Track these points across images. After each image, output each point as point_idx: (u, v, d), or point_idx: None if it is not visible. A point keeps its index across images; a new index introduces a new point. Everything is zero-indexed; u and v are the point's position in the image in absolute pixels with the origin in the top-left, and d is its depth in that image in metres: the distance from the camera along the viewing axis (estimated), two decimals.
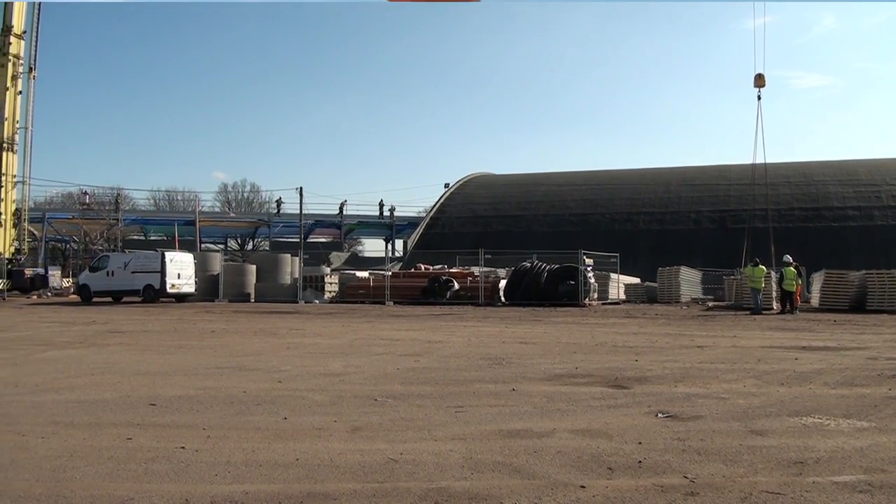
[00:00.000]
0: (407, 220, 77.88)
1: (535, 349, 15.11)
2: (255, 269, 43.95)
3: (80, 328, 22.08)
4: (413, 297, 37.44)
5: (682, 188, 62.37)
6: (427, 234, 64.04)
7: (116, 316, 28.13)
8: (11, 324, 24.21)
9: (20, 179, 50.18)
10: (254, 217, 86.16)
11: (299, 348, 15.71)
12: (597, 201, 62.91)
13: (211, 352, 15.17)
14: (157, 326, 22.63)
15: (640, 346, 15.44)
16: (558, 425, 7.60)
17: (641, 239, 55.86)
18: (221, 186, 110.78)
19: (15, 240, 49.85)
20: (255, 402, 9.09)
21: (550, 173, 74.37)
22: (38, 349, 16.00)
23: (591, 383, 10.35)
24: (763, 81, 35.85)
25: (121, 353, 15.02)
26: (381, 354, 14.29)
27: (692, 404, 8.70)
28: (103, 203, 72.62)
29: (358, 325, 23.06)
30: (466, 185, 72.35)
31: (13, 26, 48.27)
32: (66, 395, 9.84)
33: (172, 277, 39.01)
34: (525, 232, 58.75)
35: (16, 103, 48.82)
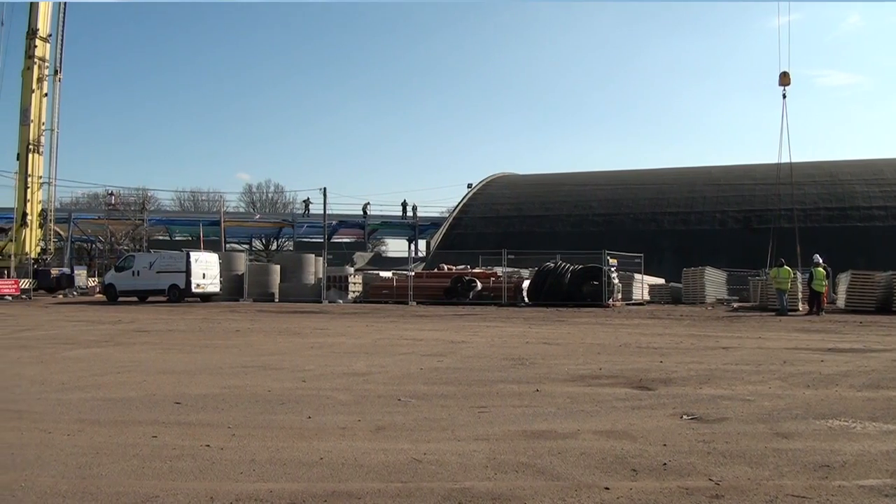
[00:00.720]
0: (430, 220, 77.85)
1: (559, 350, 15.07)
2: (279, 269, 44.11)
3: (106, 327, 22.27)
4: (436, 297, 37.44)
5: (706, 188, 61.92)
6: (450, 235, 63.97)
7: (142, 315, 28.33)
8: (38, 323, 24.46)
9: (46, 180, 50.67)
10: (278, 217, 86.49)
11: (323, 348, 15.77)
12: (621, 201, 62.56)
13: (236, 351, 15.26)
14: (182, 326, 22.78)
15: (665, 348, 15.36)
16: (582, 426, 7.58)
17: (666, 239, 55.49)
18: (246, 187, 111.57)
19: (41, 240, 50.34)
20: (279, 401, 9.13)
21: (574, 173, 74.10)
22: (64, 348, 16.16)
23: (615, 384, 10.32)
24: (788, 80, 35.57)
25: (146, 352, 15.14)
26: (405, 354, 14.31)
27: (717, 406, 8.65)
28: (129, 204, 73.19)
29: (381, 324, 23.10)
30: (489, 185, 72.19)
31: (38, 29, 48.78)
32: (92, 393, 9.93)
33: (197, 277, 39.25)
34: (548, 232, 58.55)
35: (42, 105, 49.31)
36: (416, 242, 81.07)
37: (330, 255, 48.68)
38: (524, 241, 49.67)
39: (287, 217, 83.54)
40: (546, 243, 47.44)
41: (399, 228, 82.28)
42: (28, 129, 48.40)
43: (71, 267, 54.76)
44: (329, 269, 43.11)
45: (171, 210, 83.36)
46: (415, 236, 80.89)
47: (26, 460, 6.43)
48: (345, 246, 77.98)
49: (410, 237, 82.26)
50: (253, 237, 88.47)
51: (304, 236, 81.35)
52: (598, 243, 39.12)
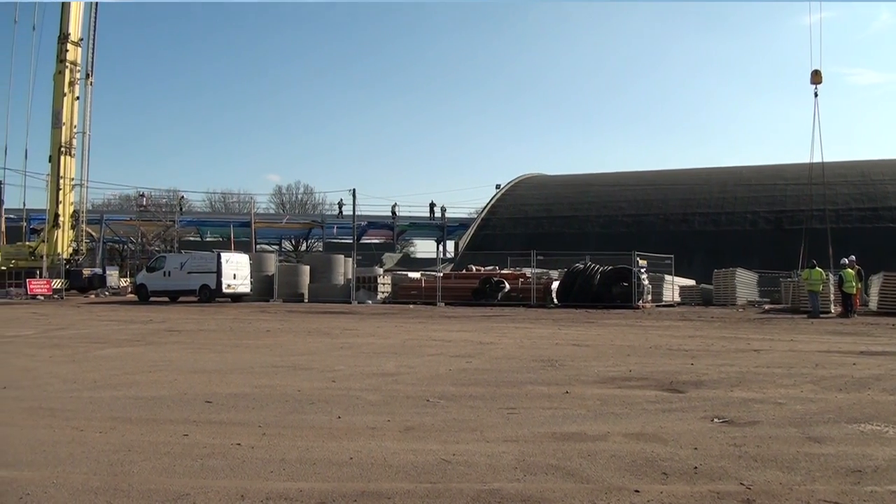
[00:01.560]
0: (458, 221, 77.88)
1: (589, 352, 15.01)
2: (308, 270, 44.29)
3: (138, 327, 22.47)
4: (464, 298, 37.42)
5: (737, 188, 61.38)
6: (478, 235, 63.93)
7: (173, 315, 28.56)
8: (70, 322, 24.73)
9: (78, 182, 51.33)
10: (307, 218, 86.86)
11: (353, 348, 15.82)
12: (651, 202, 62.19)
13: (266, 351, 15.34)
14: (212, 325, 22.95)
15: (696, 350, 15.25)
16: (612, 429, 7.54)
17: (696, 240, 55.05)
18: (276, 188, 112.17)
19: (73, 241, 50.95)
20: (309, 400, 9.17)
21: (603, 173, 73.74)
22: (96, 347, 16.33)
23: (645, 387, 10.26)
24: (820, 78, 35.18)
25: (177, 352, 15.27)
26: (433, 355, 14.32)
27: (749, 409, 8.58)
28: (160, 205, 73.83)
29: (410, 325, 23.13)
30: (518, 185, 72.02)
31: (70, 34, 49.38)
32: (123, 391, 10.03)
33: (228, 278, 39.54)
34: (577, 233, 58.31)
35: (73, 109, 49.92)
36: (445, 243, 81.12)
37: (359, 256, 48.81)
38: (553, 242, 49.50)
39: (316, 218, 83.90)
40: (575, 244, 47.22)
41: (427, 229, 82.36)
42: (60, 132, 49.02)
43: (103, 267, 55.34)
44: (358, 269, 43.24)
45: (201, 211, 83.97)
46: (443, 237, 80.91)
47: (59, 457, 6.51)
48: (374, 247, 78.12)
49: (439, 238, 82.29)
50: (283, 238, 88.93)
51: (333, 237, 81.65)
52: (628, 244, 38.91)
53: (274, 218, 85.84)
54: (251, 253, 49.26)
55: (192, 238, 79.76)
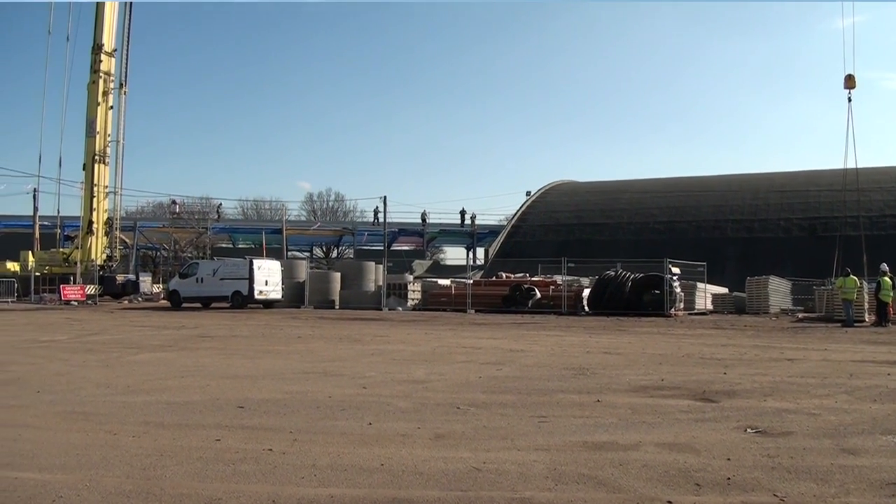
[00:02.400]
0: (488, 228, 77.84)
1: (620, 360, 14.93)
2: (339, 277, 44.44)
3: (170, 332, 22.68)
4: (494, 305, 37.32)
5: (770, 195, 60.73)
6: (508, 243, 63.78)
7: (205, 321, 28.79)
8: (103, 327, 25.02)
9: (112, 190, 51.96)
10: (339, 225, 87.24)
11: (383, 355, 15.85)
12: (682, 208, 61.70)
13: (297, 357, 15.43)
14: (244, 331, 23.10)
15: (728, 359, 15.10)
16: (644, 438, 7.49)
17: (729, 247, 54.55)
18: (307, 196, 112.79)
19: (107, 247, 51.58)
20: (340, 407, 9.21)
21: (634, 180, 73.33)
22: (129, 352, 16.51)
23: (677, 396, 10.18)
24: (853, 83, 34.78)
25: (210, 357, 15.39)
26: (464, 362, 14.31)
27: (782, 420, 8.49)
28: (193, 212, 74.49)
29: (440, 332, 23.14)
30: (548, 192, 71.78)
31: (104, 45, 50.06)
32: (156, 396, 10.13)
33: (260, 284, 39.79)
34: (608, 240, 58.00)
35: (107, 118, 50.60)
36: (475, 250, 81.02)
37: (389, 263, 48.92)
38: (584, 250, 49.23)
39: (347, 225, 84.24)
40: (606, 251, 46.98)
41: (457, 236, 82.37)
42: (94, 141, 49.72)
43: (136, 274, 55.95)
44: (388, 276, 43.35)
45: (234, 218, 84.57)
46: (473, 244, 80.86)
47: (92, 461, 6.58)
48: (404, 254, 78.21)
49: (469, 245, 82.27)
50: (314, 245, 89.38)
51: (364, 244, 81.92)
52: (660, 251, 38.65)
53: (305, 225, 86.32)
54: (283, 260, 49.53)
55: (225, 245, 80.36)
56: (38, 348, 17.63)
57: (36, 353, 16.53)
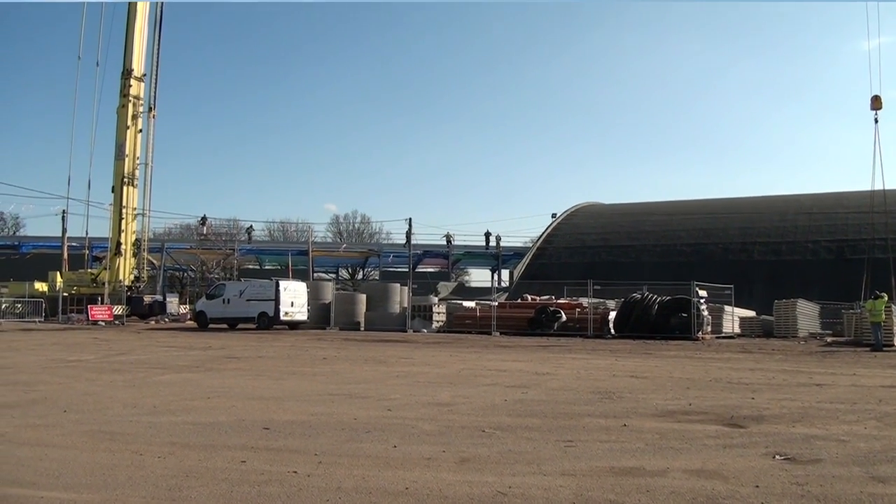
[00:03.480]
0: (513, 250, 77.77)
1: (647, 384, 14.81)
2: (365, 299, 44.47)
3: (197, 353, 22.78)
4: (520, 327, 37.19)
5: (797, 217, 60.30)
6: (534, 265, 63.68)
7: (231, 342, 28.90)
8: (130, 348, 25.17)
9: (140, 212, 52.53)
10: (364, 247, 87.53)
11: (408, 377, 15.83)
12: (709, 231, 61.36)
13: (322, 378, 15.44)
14: (270, 353, 23.16)
15: (757, 383, 14.94)
16: (672, 464, 7.41)
17: (756, 270, 54.13)
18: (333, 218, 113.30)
19: (134, 268, 52.08)
20: (365, 429, 9.19)
21: (660, 202, 73.13)
22: (155, 372, 16.59)
23: (705, 421, 10.07)
24: (880, 104, 34.60)
25: (235, 378, 15.43)
26: (489, 385, 14.26)
27: (811, 446, 8.37)
28: (220, 234, 75.04)
29: (465, 354, 23.07)
30: (574, 214, 71.71)
31: (133, 70, 50.81)
32: (182, 416, 10.16)
33: (286, 305, 39.98)
34: (635, 262, 57.81)
35: (136, 141, 51.27)
36: (500, 272, 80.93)
37: (414, 285, 48.95)
38: (610, 272, 49.06)
39: (373, 247, 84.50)
40: (632, 274, 46.80)
41: (482, 258, 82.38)
42: (123, 164, 50.39)
43: (163, 294, 56.41)
44: (413, 298, 43.35)
45: (261, 240, 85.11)
46: (498, 266, 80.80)
47: (118, 481, 6.61)
48: (429, 276, 78.32)
49: (493, 267, 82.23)
50: (340, 266, 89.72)
51: (389, 266, 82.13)
52: (687, 274, 38.41)
53: (331, 246, 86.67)
54: (309, 281, 49.72)
55: (252, 266, 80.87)
56: (66, 368, 17.77)
57: (63, 372, 16.65)
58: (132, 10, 51.28)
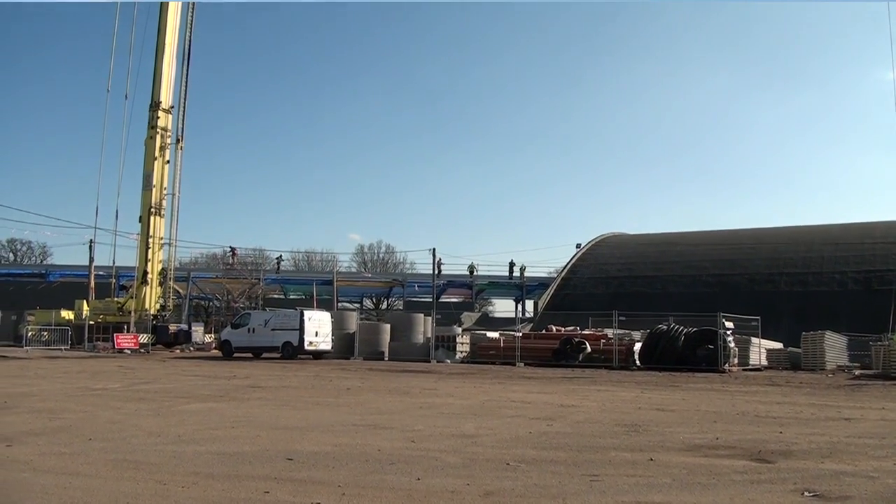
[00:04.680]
0: (537, 280, 77.52)
1: (674, 417, 14.67)
2: (389, 328, 44.52)
3: (221, 382, 22.85)
4: (544, 358, 37.01)
5: (824, 247, 59.70)
6: (558, 295, 63.42)
7: (256, 371, 28.98)
8: (155, 376, 25.30)
9: (167, 241, 52.98)
10: (388, 277, 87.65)
11: (432, 408, 15.77)
12: (735, 261, 60.84)
13: (346, 409, 15.42)
14: (294, 382, 23.19)
15: (784, 417, 14.76)
16: (700, 500, 7.32)
17: (783, 301, 53.54)
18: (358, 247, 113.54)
19: (160, 297, 52.45)
20: (389, 460, 9.15)
21: (686, 233, 72.66)
22: (180, 401, 16.65)
23: (733, 456, 9.95)
24: None
25: (260, 408, 15.45)
26: (513, 417, 14.18)
27: (840, 483, 8.23)
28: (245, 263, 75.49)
29: (489, 386, 22.99)
30: (599, 245, 71.44)
31: (161, 102, 51.55)
32: (206, 446, 10.17)
33: (310, 335, 40.08)
34: (660, 293, 57.43)
35: (163, 172, 51.83)
36: (524, 303, 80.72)
37: (438, 315, 48.91)
38: (635, 303, 48.77)
39: (397, 276, 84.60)
40: (658, 305, 46.48)
41: (506, 288, 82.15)
42: (150, 194, 50.88)
43: (189, 323, 56.68)
44: (437, 328, 43.29)
45: (286, 270, 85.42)
46: (522, 296, 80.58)
47: None
48: (452, 306, 78.22)
49: (518, 297, 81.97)
50: (364, 296, 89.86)
51: (413, 296, 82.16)
52: (713, 305, 38.11)
53: (356, 276, 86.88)
54: (333, 311, 49.83)
55: (276, 296, 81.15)
56: (91, 396, 17.87)
57: (88, 400, 16.75)
58: (161, 44, 52.06)
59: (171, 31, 52.44)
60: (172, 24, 52.61)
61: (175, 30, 52.88)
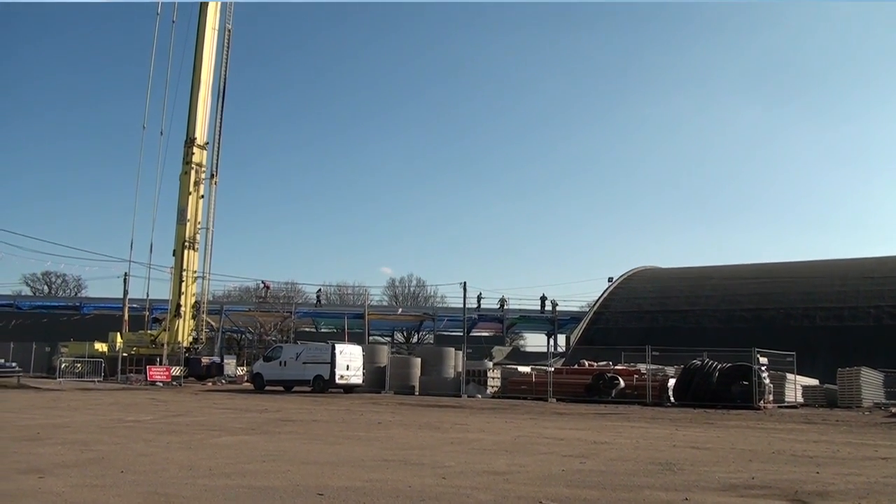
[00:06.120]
0: (569, 314, 77.06)
1: (708, 455, 14.44)
2: (419, 362, 44.47)
3: (253, 415, 22.87)
4: (576, 394, 36.71)
5: (860, 281, 58.93)
6: (590, 330, 63.05)
7: (287, 405, 29.00)
8: (188, 409, 25.38)
9: (200, 274, 53.58)
10: (419, 311, 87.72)
11: (463, 444, 15.65)
12: (770, 295, 60.21)
13: (377, 444, 15.34)
14: (325, 416, 23.16)
15: (821, 456, 14.47)
16: None
17: (819, 336, 52.80)
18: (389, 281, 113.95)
19: (193, 330, 52.92)
20: (419, 497, 9.07)
21: (719, 266, 72.07)
22: (212, 434, 16.67)
23: (769, 496, 9.75)
24: None
25: (291, 442, 15.42)
26: (546, 454, 14.02)
27: None
28: (278, 297, 75.92)
29: (521, 421, 22.80)
30: (631, 278, 71.04)
31: (196, 138, 52.47)
32: (237, 480, 10.15)
33: (341, 368, 40.12)
34: (694, 328, 56.89)
35: (198, 206, 52.61)
36: (556, 337, 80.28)
37: (469, 349, 48.82)
38: (668, 337, 48.36)
39: (428, 310, 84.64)
40: (691, 339, 45.97)
41: (538, 323, 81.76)
42: (184, 228, 51.67)
43: (221, 356, 57.06)
44: (468, 363, 43.16)
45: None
46: (554, 331, 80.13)
47: None
48: (483, 340, 78.04)
49: (549, 332, 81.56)
50: (395, 330, 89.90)
51: (443, 329, 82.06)
52: (747, 340, 37.69)
53: (387, 310, 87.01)
54: (364, 344, 49.91)
55: (308, 329, 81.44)
56: (123, 428, 17.95)
57: (120, 432, 16.83)
58: (196, 81, 53.03)
59: (206, 69, 53.47)
60: (208, 62, 53.63)
61: (210, 68, 53.90)
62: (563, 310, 77.51)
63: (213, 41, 54.15)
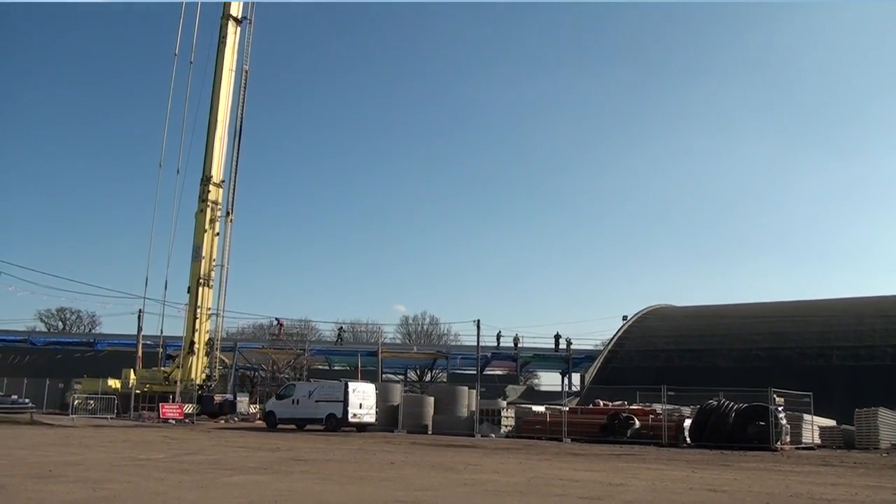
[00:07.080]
0: (584, 353, 76.45)
1: (725, 498, 14.24)
2: (433, 401, 44.24)
3: (265, 454, 22.76)
4: (591, 434, 36.39)
5: (876, 320, 58.33)
6: (605, 368, 62.60)
7: (299, 443, 28.86)
8: (200, 447, 25.30)
9: (214, 312, 53.69)
10: (433, 349, 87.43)
11: (476, 485, 15.51)
12: (785, 334, 59.66)
13: (390, 484, 15.22)
14: (338, 455, 23.02)
15: (839, 500, 14.25)
16: None
17: (835, 376, 52.19)
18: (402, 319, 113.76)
19: (206, 367, 52.94)
20: None
21: (735, 305, 71.56)
22: (224, 473, 16.59)
23: None
24: None
25: (302, 482, 15.33)
26: (560, 496, 13.87)
27: None
28: (291, 334, 75.89)
29: (535, 462, 22.60)
30: (645, 317, 70.61)
31: (212, 176, 52.98)
32: None
33: (354, 407, 39.90)
34: (709, 367, 56.32)
35: (213, 243, 52.96)
36: (570, 376, 79.68)
37: (482, 388, 48.56)
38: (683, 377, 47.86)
39: (441, 348, 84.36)
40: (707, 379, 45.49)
41: (552, 361, 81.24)
42: (199, 265, 51.98)
43: (234, 393, 56.92)
44: (482, 402, 42.93)
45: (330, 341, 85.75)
46: (568, 370, 79.54)
47: None
48: (497, 378, 77.52)
49: (564, 370, 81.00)
50: (408, 368, 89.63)
51: (457, 368, 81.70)
52: (763, 380, 37.29)
53: (400, 348, 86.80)
54: (377, 382, 49.75)
55: (321, 366, 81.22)
56: (135, 466, 17.89)
57: (132, 470, 16.77)
58: (213, 121, 53.63)
59: (223, 108, 54.13)
60: (225, 101, 54.28)
61: (227, 108, 54.56)
62: (578, 348, 76.99)
63: (230, 82, 54.88)
